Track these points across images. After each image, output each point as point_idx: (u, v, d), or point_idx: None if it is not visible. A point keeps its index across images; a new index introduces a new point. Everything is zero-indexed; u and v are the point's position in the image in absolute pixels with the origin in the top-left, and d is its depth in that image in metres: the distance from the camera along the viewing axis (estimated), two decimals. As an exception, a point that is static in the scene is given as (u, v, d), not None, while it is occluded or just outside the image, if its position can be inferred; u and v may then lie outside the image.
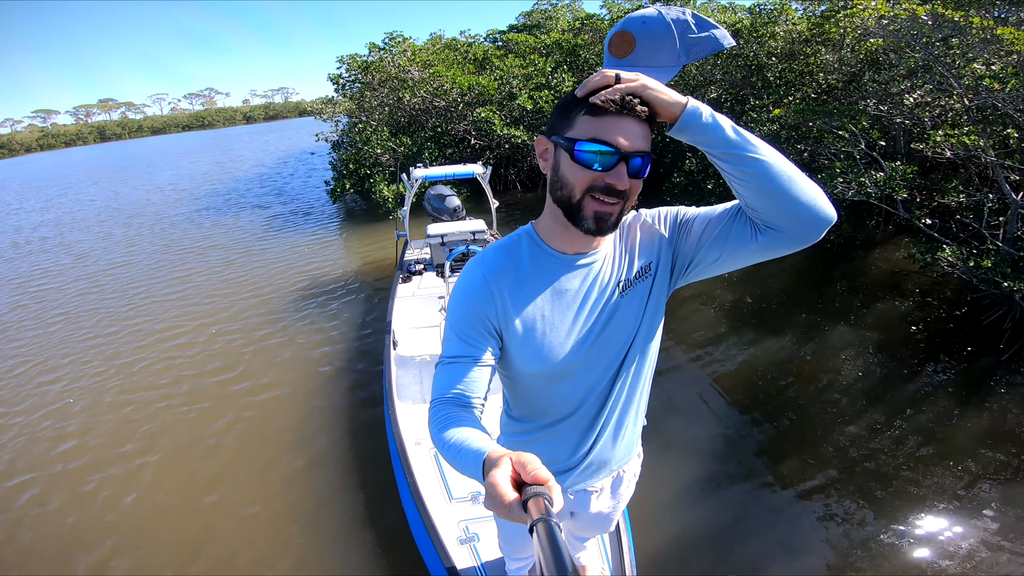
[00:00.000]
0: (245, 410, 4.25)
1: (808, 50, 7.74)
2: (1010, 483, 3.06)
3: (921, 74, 5.84)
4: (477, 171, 5.89)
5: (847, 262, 6.39)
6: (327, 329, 5.54)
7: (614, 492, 1.41)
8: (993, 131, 4.75)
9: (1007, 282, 4.14)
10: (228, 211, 12.46)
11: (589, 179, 0.93)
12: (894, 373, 4.23)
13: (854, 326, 5.01)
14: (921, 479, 3.13)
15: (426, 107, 11.93)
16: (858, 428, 3.61)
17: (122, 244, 10.27)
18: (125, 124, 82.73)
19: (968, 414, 3.69)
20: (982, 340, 4.58)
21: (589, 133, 0.90)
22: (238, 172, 20.01)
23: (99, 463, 3.74)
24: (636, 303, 1.10)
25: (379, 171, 10.83)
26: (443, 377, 1.02)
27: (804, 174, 0.92)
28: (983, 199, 5.07)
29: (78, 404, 4.54)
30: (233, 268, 7.90)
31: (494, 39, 16.09)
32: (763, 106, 7.52)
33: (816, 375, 4.28)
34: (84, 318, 6.51)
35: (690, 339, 4.95)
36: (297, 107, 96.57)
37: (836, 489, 3.10)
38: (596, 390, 1.15)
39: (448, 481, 2.61)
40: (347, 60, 13.74)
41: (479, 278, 1.06)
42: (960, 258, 4.56)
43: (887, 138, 6.35)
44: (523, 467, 0.67)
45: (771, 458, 3.40)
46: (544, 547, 0.54)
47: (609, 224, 0.97)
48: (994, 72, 4.55)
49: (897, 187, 5.00)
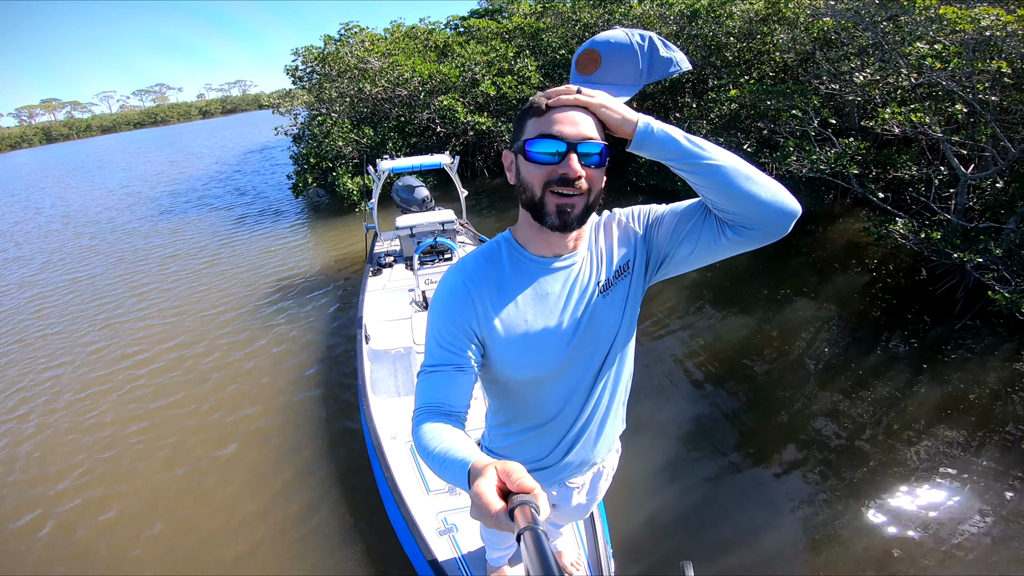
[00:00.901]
0: (218, 420, 4.12)
1: (764, 29, 7.85)
2: (969, 451, 3.19)
3: (871, 53, 5.97)
4: (444, 161, 5.81)
5: (806, 236, 6.55)
6: (298, 328, 5.42)
7: (593, 486, 1.45)
8: (939, 108, 4.89)
9: (957, 253, 4.30)
10: (187, 214, 11.96)
11: (544, 174, 0.95)
12: (855, 346, 4.36)
13: (815, 299, 5.15)
14: (885, 451, 3.23)
15: (388, 97, 11.70)
16: (822, 403, 3.72)
17: (74, 257, 9.62)
18: (72, 124, 79.20)
19: (926, 384, 3.83)
20: (936, 310, 4.75)
21: (536, 131, 0.94)
22: (195, 171, 19.31)
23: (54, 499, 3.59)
24: (616, 302, 1.12)
25: (342, 164, 10.59)
26: (425, 386, 1.02)
27: (763, 173, 0.96)
28: (933, 173, 5.24)
29: (28, 444, 4.14)
30: (196, 276, 7.59)
31: (455, 26, 15.83)
32: (722, 86, 7.60)
33: (780, 351, 4.38)
34: (35, 347, 5.98)
35: (655, 319, 5.01)
36: (256, 100, 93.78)
37: (803, 465, 3.19)
38: (578, 390, 1.17)
39: (424, 474, 2.62)
40: (303, 52, 13.37)
41: (460, 285, 1.06)
42: (912, 230, 4.71)
43: (840, 116, 6.49)
44: (508, 476, 0.68)
45: (738, 436, 3.47)
46: (532, 555, 0.55)
47: (572, 217, 0.97)
48: (936, 52, 4.67)
49: (849, 163, 5.12)
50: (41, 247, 10.63)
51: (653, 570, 2.59)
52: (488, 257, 1.10)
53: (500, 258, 1.09)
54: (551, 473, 1.30)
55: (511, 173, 1.04)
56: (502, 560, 1.97)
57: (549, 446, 1.25)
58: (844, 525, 2.77)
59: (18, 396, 4.81)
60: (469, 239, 5.88)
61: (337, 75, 12.29)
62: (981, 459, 3.11)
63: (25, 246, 10.95)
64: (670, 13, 9.40)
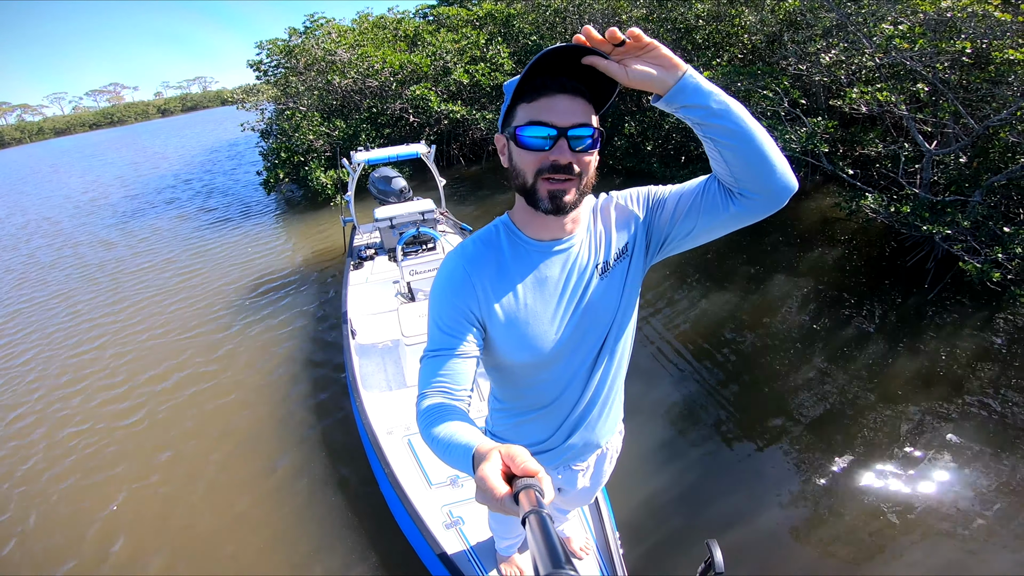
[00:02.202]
0: (210, 427, 4.03)
1: (732, 11, 7.93)
2: (945, 417, 3.33)
3: (836, 33, 6.09)
4: (421, 151, 5.73)
5: (780, 213, 6.64)
6: (280, 328, 5.32)
7: (598, 469, 1.45)
8: (904, 87, 5.03)
9: (926, 225, 4.45)
10: (154, 218, 11.42)
11: (536, 161, 0.96)
12: (833, 318, 4.50)
13: (792, 275, 5.28)
14: (869, 422, 3.35)
15: (358, 88, 11.49)
16: (804, 376, 3.83)
17: (31, 275, 9.16)
18: (23, 127, 75.75)
19: (903, 353, 3.98)
20: (908, 281, 4.93)
21: (527, 118, 0.94)
22: (159, 172, 18.63)
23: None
24: (615, 284, 1.13)
25: (314, 157, 10.38)
26: (428, 370, 1.02)
27: (771, 141, 0.95)
28: (899, 149, 5.40)
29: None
30: (168, 282, 7.33)
31: (424, 14, 15.58)
32: (694, 68, 7.68)
33: (761, 327, 4.49)
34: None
35: (646, 294, 5.08)
36: (218, 96, 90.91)
37: (790, 437, 3.29)
38: (580, 372, 1.18)
39: (426, 468, 2.59)
40: (267, 45, 13.00)
41: (460, 270, 1.07)
42: (881, 204, 4.86)
43: (808, 96, 6.62)
44: (512, 460, 0.68)
45: (728, 413, 3.56)
46: (537, 538, 0.55)
47: (565, 202, 0.98)
48: (902, 32, 4.79)
49: (818, 142, 5.23)
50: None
51: (658, 550, 2.65)
52: (487, 242, 1.11)
53: (499, 242, 1.10)
54: (555, 456, 1.31)
55: (504, 156, 1.04)
56: (511, 549, 1.97)
57: (551, 428, 1.26)
58: (834, 493, 2.88)
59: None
60: (450, 228, 5.83)
61: (304, 68, 11.99)
62: (959, 426, 3.25)
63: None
64: (640, -3, 9.44)
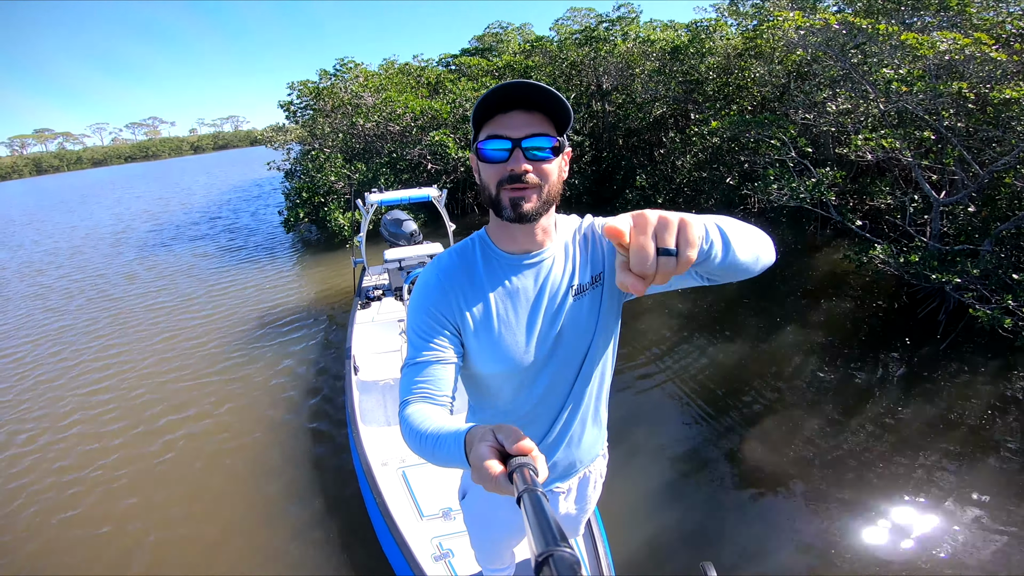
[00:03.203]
0: (207, 449, 4.08)
1: (742, 64, 8.19)
2: (961, 465, 3.26)
3: (842, 82, 6.25)
4: (432, 194, 5.90)
5: (790, 267, 6.72)
6: (285, 360, 5.41)
7: (581, 493, 1.43)
8: (908, 133, 5.11)
9: (935, 274, 4.44)
10: (176, 251, 11.87)
11: (496, 172, 1.00)
12: (844, 369, 4.44)
13: (802, 326, 5.25)
14: (879, 469, 3.29)
15: (380, 132, 11.92)
16: (815, 424, 3.78)
17: (58, 294, 9.64)
18: (63, 156, 79.17)
19: (916, 403, 3.91)
20: (920, 332, 4.88)
21: (486, 134, 1.00)
22: (185, 208, 19.31)
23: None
24: (591, 308, 1.14)
25: (333, 199, 10.69)
26: (409, 378, 1.03)
27: (758, 234, 0.90)
28: (908, 201, 5.44)
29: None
30: (186, 309, 7.59)
31: (447, 63, 16.30)
32: (703, 119, 7.90)
33: (771, 375, 4.45)
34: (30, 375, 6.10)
35: (649, 348, 5.08)
36: (248, 136, 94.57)
37: (801, 484, 3.23)
38: (557, 390, 1.18)
39: (418, 499, 2.59)
40: (298, 86, 13.64)
41: (434, 280, 1.10)
42: (891, 255, 4.86)
43: (815, 145, 6.74)
44: (507, 439, 0.68)
45: (735, 458, 3.51)
46: (531, 517, 0.54)
47: (526, 209, 1.00)
48: (902, 76, 4.91)
49: (826, 191, 5.29)
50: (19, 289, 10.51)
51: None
52: (461, 253, 1.14)
53: (474, 254, 1.13)
54: None
55: (476, 175, 1.08)
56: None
57: None
58: (840, 543, 2.80)
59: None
60: None
61: (331, 110, 12.52)
62: (973, 473, 3.17)
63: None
64: (653, 50, 9.81)
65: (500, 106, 0.99)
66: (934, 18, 6.80)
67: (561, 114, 0.99)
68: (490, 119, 1.00)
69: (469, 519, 1.46)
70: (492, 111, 0.99)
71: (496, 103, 0.98)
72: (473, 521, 1.46)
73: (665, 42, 9.91)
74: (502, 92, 0.95)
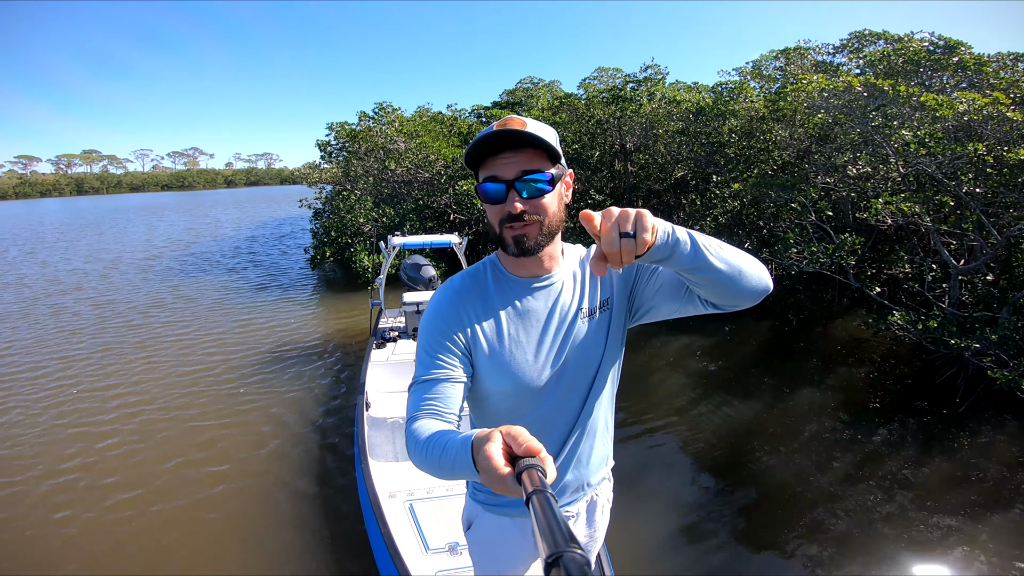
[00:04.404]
0: (214, 474, 4.17)
1: (765, 127, 8.43)
2: (981, 528, 3.25)
3: (863, 146, 6.39)
4: (454, 241, 6.09)
5: (807, 333, 6.79)
6: (298, 395, 5.51)
7: (590, 518, 1.43)
8: (927, 197, 5.21)
9: (954, 340, 4.49)
10: (200, 281, 12.13)
11: (497, 212, 1.07)
12: (859, 431, 4.46)
13: (818, 389, 5.29)
14: (896, 529, 3.29)
15: (410, 179, 12.27)
16: (830, 482, 3.79)
17: (82, 315, 9.89)
18: (104, 178, 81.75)
19: (933, 465, 3.93)
20: (938, 397, 4.89)
21: (483, 176, 1.07)
22: (214, 239, 19.88)
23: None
24: (600, 332, 1.19)
25: (360, 240, 10.91)
26: (417, 396, 1.06)
27: (745, 255, 0.99)
28: (926, 268, 5.52)
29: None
30: (205, 336, 7.79)
31: (478, 114, 17.01)
32: (724, 182, 8.09)
33: (785, 435, 4.48)
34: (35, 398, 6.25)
35: (665, 404, 5.15)
36: (279, 174, 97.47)
37: (815, 542, 3.23)
38: (564, 411, 1.20)
39: (424, 532, 2.59)
40: (336, 127, 14.23)
41: (447, 300, 1.15)
42: (909, 322, 4.91)
43: (835, 210, 6.89)
44: (514, 440, 0.69)
45: (748, 513, 3.53)
46: (540, 519, 0.54)
47: (528, 246, 1.07)
48: (919, 138, 5.04)
49: (845, 256, 5.41)
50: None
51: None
52: (474, 276, 1.20)
53: (485, 277, 1.19)
54: None
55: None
56: None
57: None
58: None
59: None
60: None
61: (365, 153, 13.03)
62: (994, 537, 3.16)
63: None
64: (677, 111, 10.14)
65: (490, 148, 1.04)
66: (953, 78, 7.07)
67: (546, 147, 1.04)
68: (484, 161, 1.06)
69: (475, 550, 1.43)
70: (484, 154, 1.05)
71: (485, 147, 1.04)
72: (479, 552, 1.42)
73: (690, 103, 10.19)
74: (485, 140, 1.02)
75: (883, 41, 9.95)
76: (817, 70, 10.35)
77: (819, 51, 11.63)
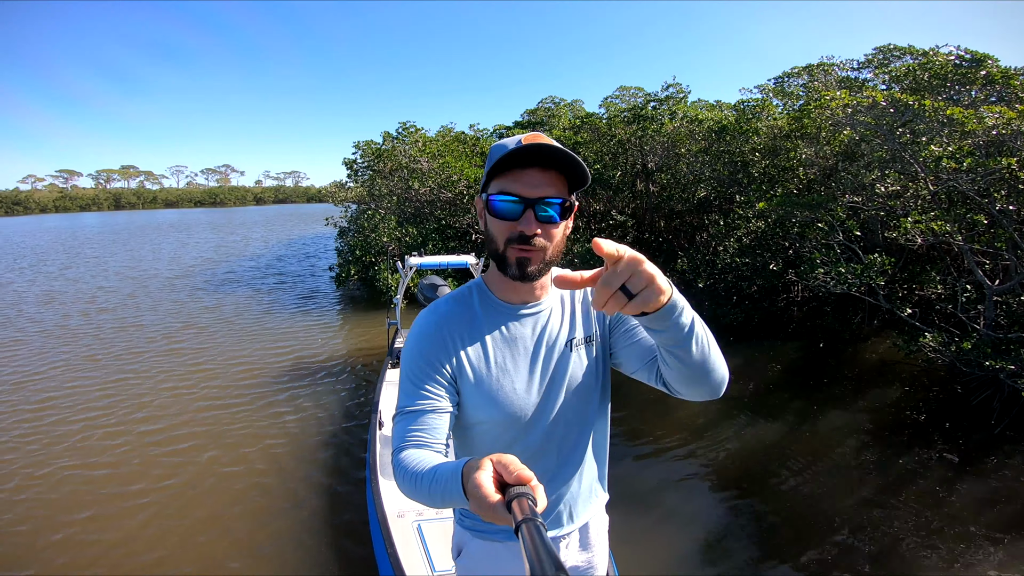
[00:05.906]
0: (225, 485, 4.24)
1: (788, 145, 8.31)
2: (1014, 550, 3.16)
3: (891, 163, 6.27)
4: (471, 261, 6.10)
5: (836, 356, 6.67)
6: (312, 411, 5.58)
7: (584, 542, 1.33)
8: (959, 215, 5.08)
9: (989, 361, 4.37)
10: (225, 294, 12.47)
11: (505, 229, 1.01)
12: (890, 452, 4.37)
13: (847, 410, 5.19)
14: (928, 550, 3.22)
15: (432, 198, 12.43)
16: (860, 507, 3.71)
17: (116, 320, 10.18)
18: (141, 194, 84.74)
19: (967, 485, 3.85)
20: (973, 418, 4.75)
21: (499, 188, 1.00)
22: (242, 257, 20.38)
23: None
24: (588, 363, 1.16)
25: (384, 259, 11.05)
26: (403, 426, 1.02)
27: (721, 360, 0.96)
28: (959, 288, 5.38)
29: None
30: (229, 346, 8.01)
31: (500, 134, 17.22)
32: (748, 201, 7.98)
33: (813, 456, 4.40)
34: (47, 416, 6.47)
35: (689, 425, 5.11)
36: (306, 192, 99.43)
37: (841, 566, 3.16)
38: (553, 443, 1.15)
39: (431, 553, 2.59)
40: (362, 146, 14.53)
41: (432, 326, 1.10)
42: (942, 343, 4.80)
43: (864, 229, 6.72)
44: (505, 468, 0.68)
45: (772, 535, 3.47)
46: (530, 547, 0.54)
47: (532, 270, 1.02)
48: (951, 152, 4.92)
49: (875, 276, 5.31)
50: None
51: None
52: (459, 300, 1.14)
53: (471, 301, 1.14)
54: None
55: (481, 220, 1.08)
56: None
57: None
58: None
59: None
60: None
61: (389, 172, 13.25)
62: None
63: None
64: (699, 130, 10.09)
65: (519, 160, 0.98)
66: (981, 92, 6.92)
67: (577, 172, 1.00)
68: (506, 171, 1.00)
69: None
70: (510, 164, 0.99)
71: (516, 157, 0.97)
72: None
73: (712, 122, 10.11)
74: (524, 150, 0.95)
75: (908, 56, 9.84)
76: (841, 86, 10.21)
77: (843, 67, 11.52)
